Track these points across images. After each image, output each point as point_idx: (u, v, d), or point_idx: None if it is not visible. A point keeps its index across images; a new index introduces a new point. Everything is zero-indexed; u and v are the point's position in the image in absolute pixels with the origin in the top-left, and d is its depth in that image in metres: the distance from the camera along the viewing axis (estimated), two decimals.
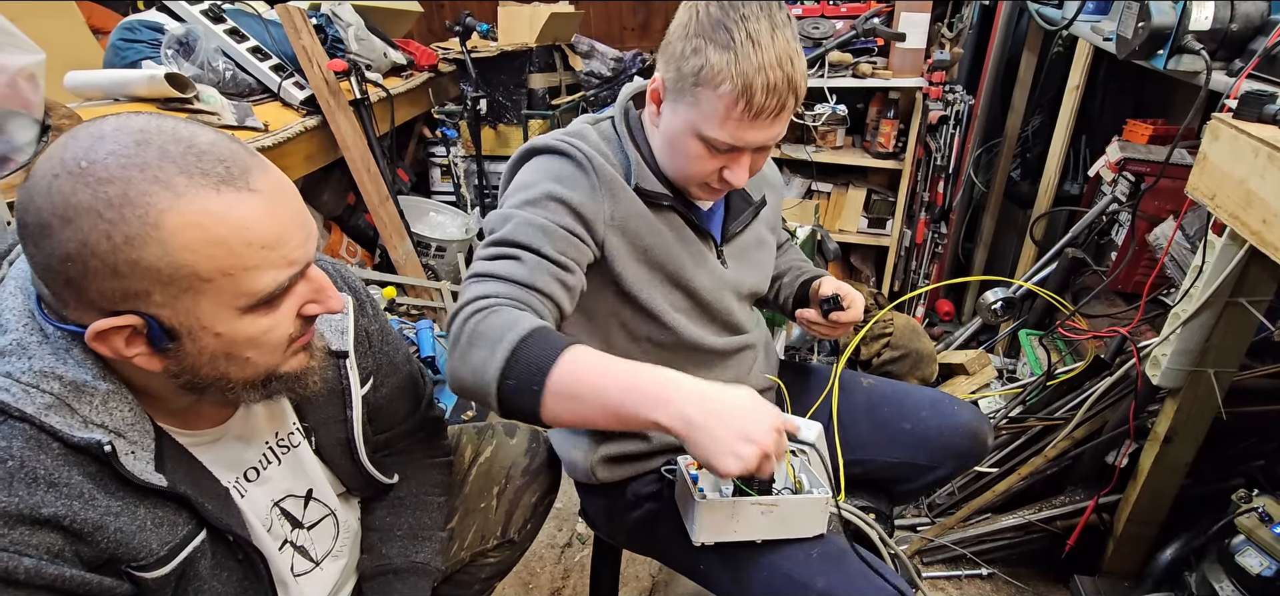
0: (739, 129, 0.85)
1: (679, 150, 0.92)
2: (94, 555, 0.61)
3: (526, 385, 0.73)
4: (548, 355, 0.73)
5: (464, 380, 0.78)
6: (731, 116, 0.84)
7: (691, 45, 0.84)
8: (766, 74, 0.81)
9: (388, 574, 0.92)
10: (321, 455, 0.87)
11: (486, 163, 3.01)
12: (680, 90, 0.87)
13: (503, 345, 0.74)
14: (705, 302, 1.02)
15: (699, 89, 0.84)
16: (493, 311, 0.78)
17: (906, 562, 1.10)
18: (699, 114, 0.86)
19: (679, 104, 0.88)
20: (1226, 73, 1.18)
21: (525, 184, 0.91)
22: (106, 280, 0.55)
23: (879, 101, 2.52)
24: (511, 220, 0.87)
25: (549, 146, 0.94)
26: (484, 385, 0.75)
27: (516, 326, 0.75)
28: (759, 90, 0.82)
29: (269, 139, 1.97)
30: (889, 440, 1.15)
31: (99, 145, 0.54)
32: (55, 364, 0.59)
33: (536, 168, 0.93)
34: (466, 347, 0.77)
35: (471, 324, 0.78)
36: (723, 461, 0.68)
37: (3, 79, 1.32)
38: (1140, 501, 1.39)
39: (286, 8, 2.17)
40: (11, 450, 0.57)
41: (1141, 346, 1.34)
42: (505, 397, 0.74)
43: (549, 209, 0.88)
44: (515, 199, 0.90)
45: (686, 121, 0.88)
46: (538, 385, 0.72)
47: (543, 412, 0.74)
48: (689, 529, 0.91)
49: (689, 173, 0.93)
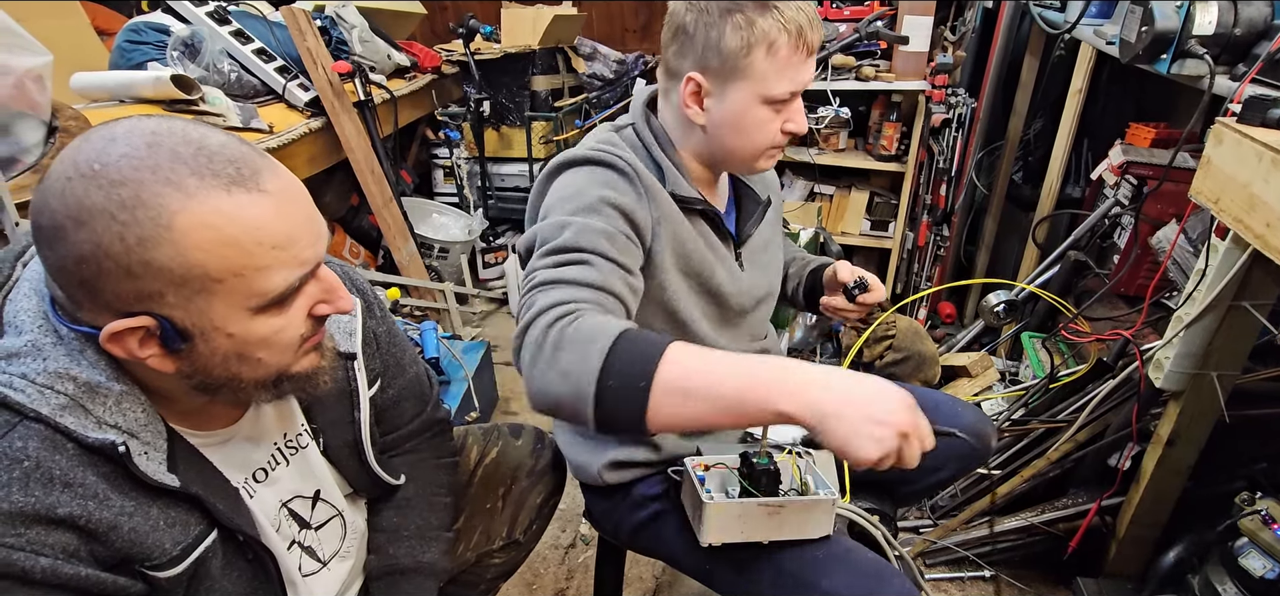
0: (797, 73, 0.90)
1: (746, 127, 0.93)
2: (108, 555, 0.62)
3: (631, 384, 0.66)
4: (651, 352, 0.67)
5: (552, 389, 0.69)
6: (791, 63, 0.88)
7: (729, 24, 0.86)
8: (804, 11, 0.88)
9: (395, 574, 0.92)
10: (329, 456, 0.87)
11: (490, 164, 3.02)
12: (728, 72, 0.89)
13: (597, 346, 0.68)
14: (731, 309, 1.04)
15: (751, 57, 0.87)
16: (578, 315, 0.72)
17: (910, 564, 1.10)
18: (758, 80, 0.89)
19: (730, 84, 0.90)
20: (1230, 77, 1.18)
21: (574, 192, 0.89)
22: (120, 281, 0.56)
23: (882, 104, 2.53)
24: (570, 227, 0.83)
25: (589, 158, 0.92)
26: (579, 390, 0.67)
27: (608, 327, 0.69)
28: (807, 26, 0.88)
29: (274, 140, 1.98)
30: None
31: (111, 148, 0.55)
32: (69, 365, 0.59)
33: (580, 177, 0.91)
34: (553, 354, 0.70)
35: (557, 330, 0.71)
36: (861, 447, 0.64)
37: (10, 81, 1.32)
38: (1143, 504, 1.39)
39: (291, 10, 2.18)
40: (27, 450, 0.57)
41: (1144, 349, 1.34)
42: (605, 402, 0.67)
43: (606, 214, 0.86)
44: (567, 207, 0.87)
45: (748, 95, 0.90)
46: (645, 382, 0.66)
47: (649, 414, 0.67)
48: (696, 530, 0.91)
49: (759, 144, 0.95)
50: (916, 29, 2.33)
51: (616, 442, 1.04)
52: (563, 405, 0.70)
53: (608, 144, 0.96)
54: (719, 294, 1.02)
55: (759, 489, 0.90)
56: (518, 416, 2.30)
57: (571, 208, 0.87)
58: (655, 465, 1.05)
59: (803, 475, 0.94)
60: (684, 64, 0.92)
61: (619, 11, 3.70)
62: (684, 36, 0.91)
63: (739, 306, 1.05)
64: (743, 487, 0.91)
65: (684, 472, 0.95)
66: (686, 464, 0.95)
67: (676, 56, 0.93)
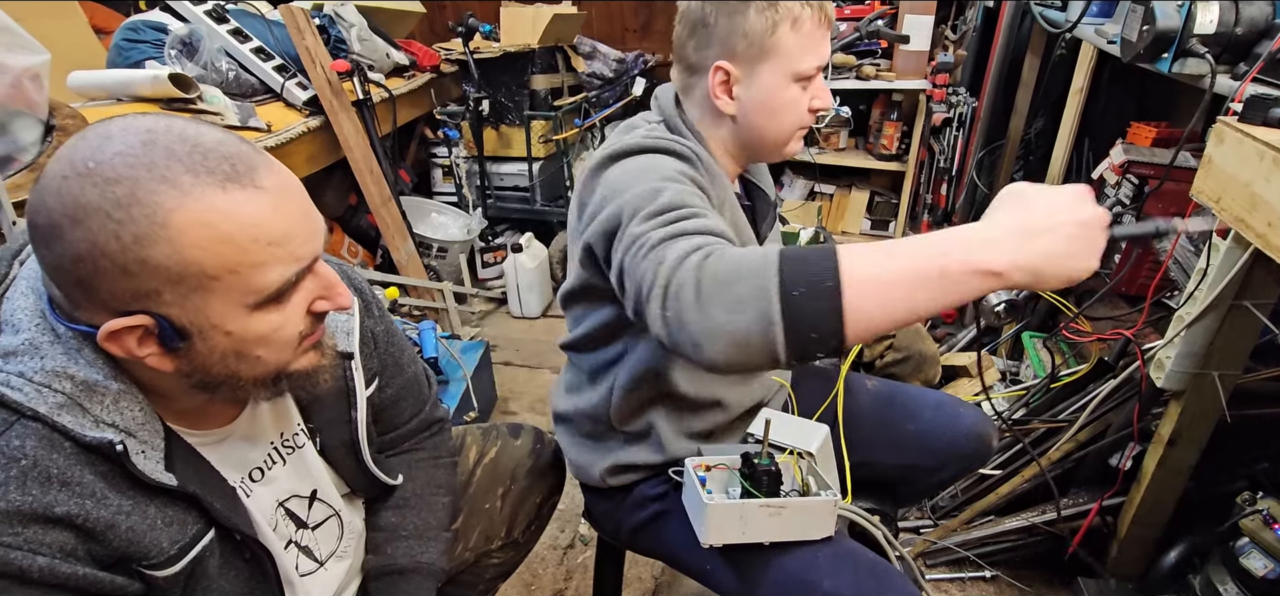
0: (820, 45, 0.92)
1: (778, 108, 0.94)
2: (106, 554, 0.62)
3: (818, 286, 0.59)
4: (823, 254, 0.60)
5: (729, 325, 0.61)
6: (815, 35, 0.90)
7: (752, 7, 0.88)
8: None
9: (393, 574, 0.92)
10: (326, 456, 0.87)
11: (489, 163, 3.02)
12: (757, 55, 0.90)
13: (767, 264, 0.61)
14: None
15: (777, 34, 0.88)
16: (720, 251, 0.65)
17: (911, 564, 1.10)
18: (787, 57, 0.90)
19: (759, 67, 0.91)
20: (1231, 76, 1.18)
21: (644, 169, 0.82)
22: (116, 280, 0.55)
23: (882, 103, 2.53)
24: (664, 190, 0.76)
25: (647, 145, 0.87)
26: (763, 312, 0.60)
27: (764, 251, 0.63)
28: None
29: (272, 139, 1.98)
30: (894, 442, 1.15)
31: (106, 146, 0.55)
32: (67, 364, 0.59)
33: (642, 161, 0.85)
34: (718, 289, 0.62)
35: (709, 265, 0.63)
36: (1084, 264, 0.60)
37: (7, 79, 1.32)
38: (1144, 503, 1.39)
39: (290, 8, 2.18)
40: (25, 449, 0.57)
41: (1145, 349, 1.34)
42: (794, 315, 0.59)
43: (684, 182, 0.81)
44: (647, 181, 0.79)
45: (778, 75, 0.91)
46: (832, 281, 0.59)
47: (847, 316, 0.59)
48: (697, 531, 0.91)
49: (790, 125, 0.96)
50: (917, 28, 2.33)
51: (621, 446, 1.04)
52: (746, 337, 0.61)
53: (658, 134, 0.91)
54: None
55: (760, 490, 0.90)
56: (516, 416, 2.30)
57: (655, 175, 0.80)
58: (657, 468, 1.04)
59: (804, 476, 0.94)
60: (707, 56, 0.92)
61: (619, 10, 3.70)
62: (703, 29, 0.91)
63: None
64: (744, 488, 0.91)
65: (685, 473, 0.95)
66: (687, 464, 0.94)
67: (697, 50, 0.93)
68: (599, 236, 0.79)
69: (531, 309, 2.87)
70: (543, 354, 2.61)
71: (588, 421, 1.05)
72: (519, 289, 2.82)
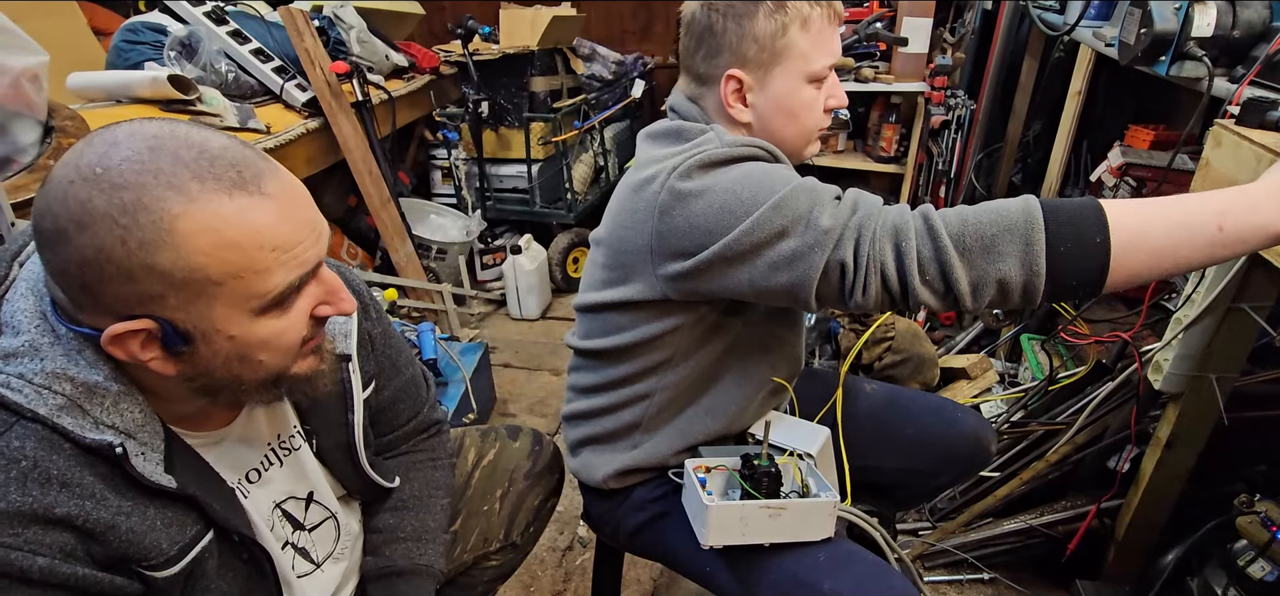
0: (832, 42, 0.91)
1: (796, 110, 0.92)
2: (106, 554, 0.62)
3: (1087, 240, 0.62)
4: (1087, 205, 0.64)
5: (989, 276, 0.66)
6: (825, 33, 0.89)
7: (760, 11, 0.86)
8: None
9: (391, 576, 0.92)
10: (322, 458, 0.87)
11: (488, 165, 3.02)
12: (770, 58, 0.89)
13: (1029, 220, 0.64)
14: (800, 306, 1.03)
15: (787, 35, 0.87)
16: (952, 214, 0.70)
17: (909, 566, 1.10)
18: (801, 58, 0.89)
19: (772, 72, 0.90)
20: (1228, 79, 1.18)
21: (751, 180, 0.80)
22: (121, 284, 0.55)
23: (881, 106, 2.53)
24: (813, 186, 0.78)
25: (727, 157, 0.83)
26: (1027, 263, 0.64)
27: (1011, 202, 0.66)
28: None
29: (271, 141, 1.98)
30: (893, 446, 1.15)
31: (113, 151, 0.55)
32: (67, 365, 0.59)
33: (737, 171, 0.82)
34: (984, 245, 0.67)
35: (953, 225, 0.68)
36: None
37: (6, 80, 1.32)
38: (1142, 506, 1.39)
39: (289, 10, 2.18)
40: (25, 450, 0.57)
41: (1143, 351, 1.34)
42: (1060, 265, 0.63)
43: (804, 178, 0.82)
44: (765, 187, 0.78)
45: (792, 77, 0.90)
46: (1102, 236, 0.62)
47: (1113, 268, 0.62)
48: (697, 532, 0.91)
49: (811, 126, 0.95)
50: (916, 31, 2.33)
51: (626, 450, 1.04)
52: (1010, 286, 0.67)
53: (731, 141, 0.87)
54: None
55: (760, 491, 0.90)
56: (515, 418, 2.30)
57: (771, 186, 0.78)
58: (659, 470, 1.04)
59: (804, 477, 0.94)
60: (718, 64, 0.90)
61: (618, 12, 3.71)
62: (711, 37, 0.89)
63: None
64: (744, 490, 0.91)
65: (685, 475, 0.95)
66: (687, 466, 0.94)
67: (706, 59, 0.91)
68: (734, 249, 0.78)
69: (530, 311, 2.87)
70: (542, 356, 2.61)
71: (605, 426, 1.04)
72: (518, 291, 2.82)
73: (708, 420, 1.00)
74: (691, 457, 0.97)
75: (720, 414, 1.00)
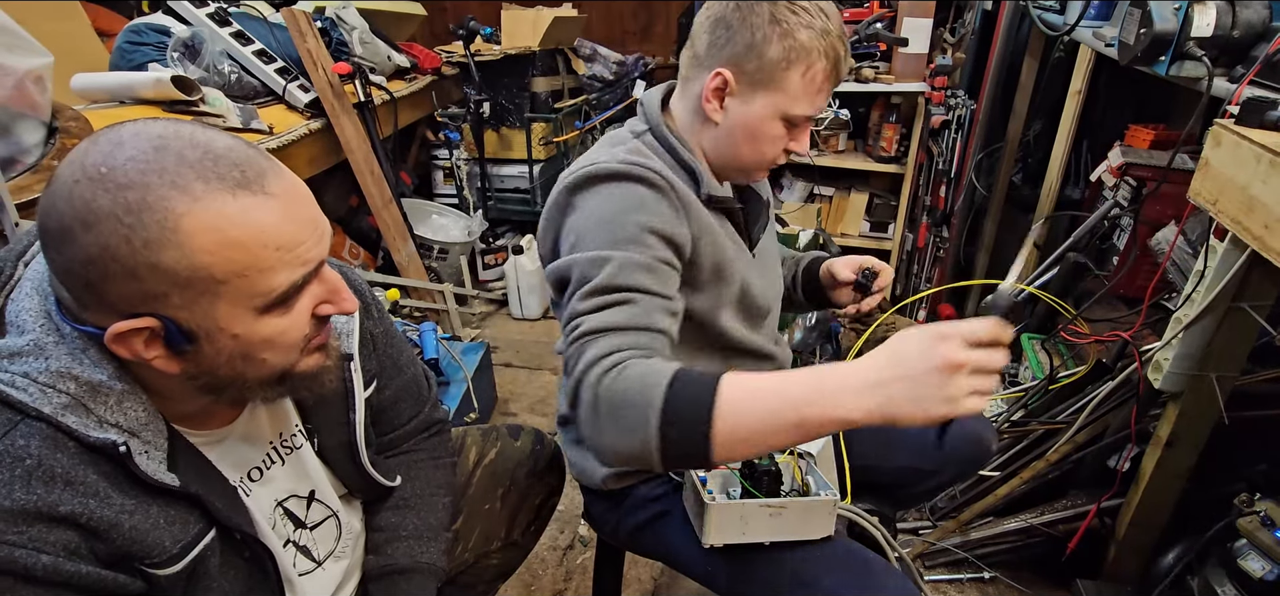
0: (822, 98, 0.91)
1: (757, 137, 0.92)
2: (109, 552, 0.62)
3: (691, 432, 0.68)
4: (704, 394, 0.68)
5: (613, 446, 0.72)
6: (822, 89, 0.89)
7: (774, 31, 0.86)
8: (843, 41, 0.89)
9: (393, 574, 0.92)
10: (324, 457, 0.87)
11: (489, 166, 3.02)
12: (761, 79, 0.88)
13: (652, 398, 0.69)
14: (759, 309, 1.04)
15: (788, 72, 0.87)
16: (624, 367, 0.73)
17: (909, 565, 1.10)
18: (787, 95, 0.88)
19: (758, 92, 0.89)
20: (1228, 79, 1.19)
21: (608, 217, 0.85)
22: (125, 283, 0.56)
23: (881, 106, 2.53)
24: (610, 262, 0.81)
25: (618, 171, 0.87)
26: (643, 443, 0.69)
27: (657, 375, 0.70)
28: (843, 56, 0.89)
29: (274, 141, 1.98)
30: (893, 445, 1.15)
31: (118, 151, 0.55)
32: (71, 364, 0.59)
33: (613, 197, 0.86)
34: (610, 413, 0.71)
35: (606, 384, 0.72)
36: (937, 410, 0.63)
37: (10, 81, 1.33)
38: (1142, 505, 1.39)
39: (292, 11, 2.18)
40: (29, 449, 0.57)
41: (1143, 351, 1.34)
42: (670, 451, 0.69)
43: (647, 243, 0.84)
44: (603, 236, 0.84)
45: (771, 106, 0.89)
46: (704, 427, 0.67)
47: (713, 455, 0.68)
48: (698, 532, 0.91)
49: (765, 157, 0.94)
50: (916, 31, 2.33)
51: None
52: (629, 456, 0.72)
53: (635, 154, 0.91)
54: (748, 295, 1.01)
55: (760, 490, 0.90)
56: (517, 417, 2.30)
57: (608, 238, 0.83)
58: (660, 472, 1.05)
59: (804, 476, 0.94)
60: (717, 57, 0.90)
61: (619, 13, 3.71)
62: (724, 30, 0.89)
63: (765, 306, 1.05)
64: (744, 489, 0.91)
65: (685, 474, 0.95)
66: None
67: (710, 49, 0.90)
68: (554, 280, 0.87)
69: (532, 310, 2.88)
70: (543, 355, 2.62)
71: None
72: (519, 290, 2.83)
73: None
74: None
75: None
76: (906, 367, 0.64)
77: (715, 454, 0.68)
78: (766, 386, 0.68)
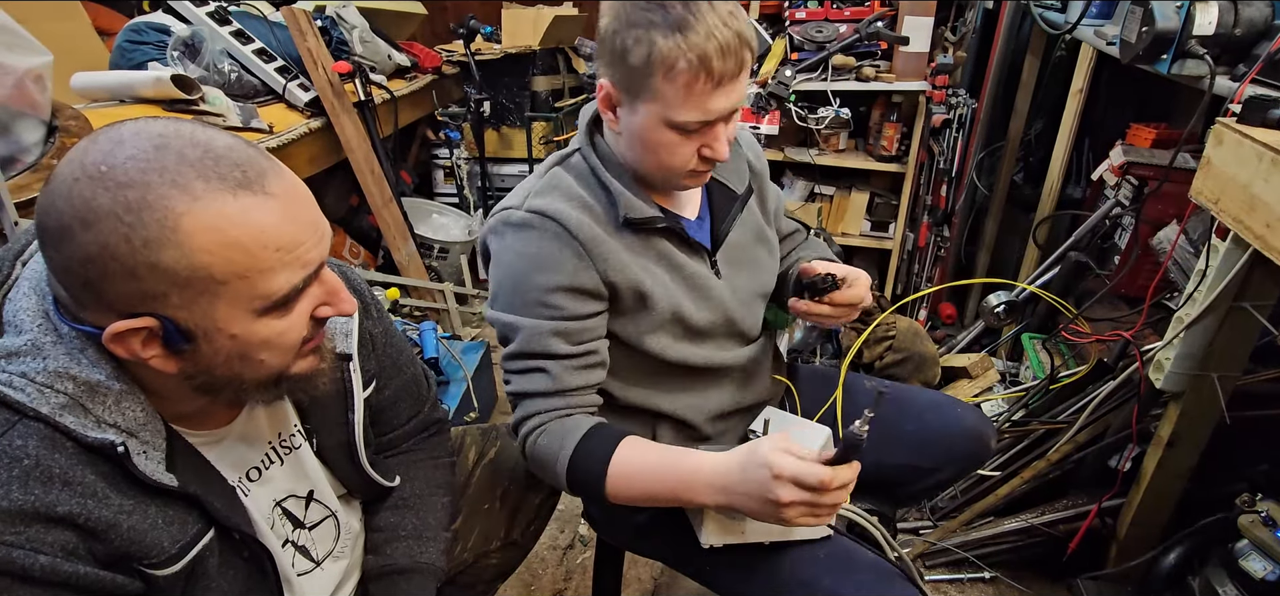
0: (706, 102, 0.81)
1: (653, 146, 0.86)
2: (107, 553, 0.62)
3: (590, 489, 0.88)
4: (596, 468, 0.87)
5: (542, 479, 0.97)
6: (694, 93, 0.80)
7: (632, 37, 0.79)
8: (717, 38, 0.77)
9: (392, 574, 0.92)
10: (322, 457, 0.87)
11: (490, 165, 3.02)
12: (634, 87, 0.82)
13: (559, 469, 0.88)
14: (705, 330, 0.99)
15: (653, 78, 0.80)
16: (541, 432, 0.90)
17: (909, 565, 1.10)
18: (663, 103, 0.81)
19: (638, 101, 0.83)
20: (1230, 77, 1.18)
21: (515, 280, 0.88)
22: (124, 282, 0.56)
23: (882, 105, 2.52)
24: (520, 331, 0.89)
25: (522, 221, 0.88)
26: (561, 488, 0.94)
27: (562, 451, 0.88)
28: (715, 56, 0.77)
29: (274, 140, 1.98)
30: (892, 442, 1.15)
31: (118, 150, 0.55)
32: (69, 364, 0.59)
33: (518, 254, 0.88)
34: (536, 466, 0.93)
35: (530, 445, 0.91)
36: (764, 517, 0.79)
37: (10, 80, 1.33)
38: (1143, 505, 1.39)
39: (292, 10, 2.18)
40: (27, 449, 0.57)
41: (1145, 350, 1.34)
42: (578, 494, 0.93)
43: (552, 305, 0.87)
44: (512, 300, 0.89)
45: (653, 115, 0.83)
46: (598, 489, 0.87)
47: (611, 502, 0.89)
48: (697, 533, 0.91)
49: (672, 165, 0.87)
50: (917, 29, 2.32)
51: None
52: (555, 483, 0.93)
53: (545, 191, 0.90)
54: (691, 324, 0.96)
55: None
56: None
57: (517, 302, 0.89)
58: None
59: None
60: (600, 67, 0.86)
61: None
62: (600, 38, 0.83)
63: (716, 325, 0.99)
64: None
65: None
66: None
67: (597, 58, 0.86)
68: (491, 323, 0.94)
69: None
70: None
71: None
72: None
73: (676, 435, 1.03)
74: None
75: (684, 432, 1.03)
76: (748, 489, 0.78)
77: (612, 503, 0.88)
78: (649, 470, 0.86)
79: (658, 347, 0.96)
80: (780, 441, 0.77)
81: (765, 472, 0.75)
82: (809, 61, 2.34)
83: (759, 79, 2.32)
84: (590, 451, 0.87)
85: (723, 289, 1.00)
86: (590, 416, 0.93)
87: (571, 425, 0.89)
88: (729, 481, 0.80)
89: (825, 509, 0.76)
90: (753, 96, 2.33)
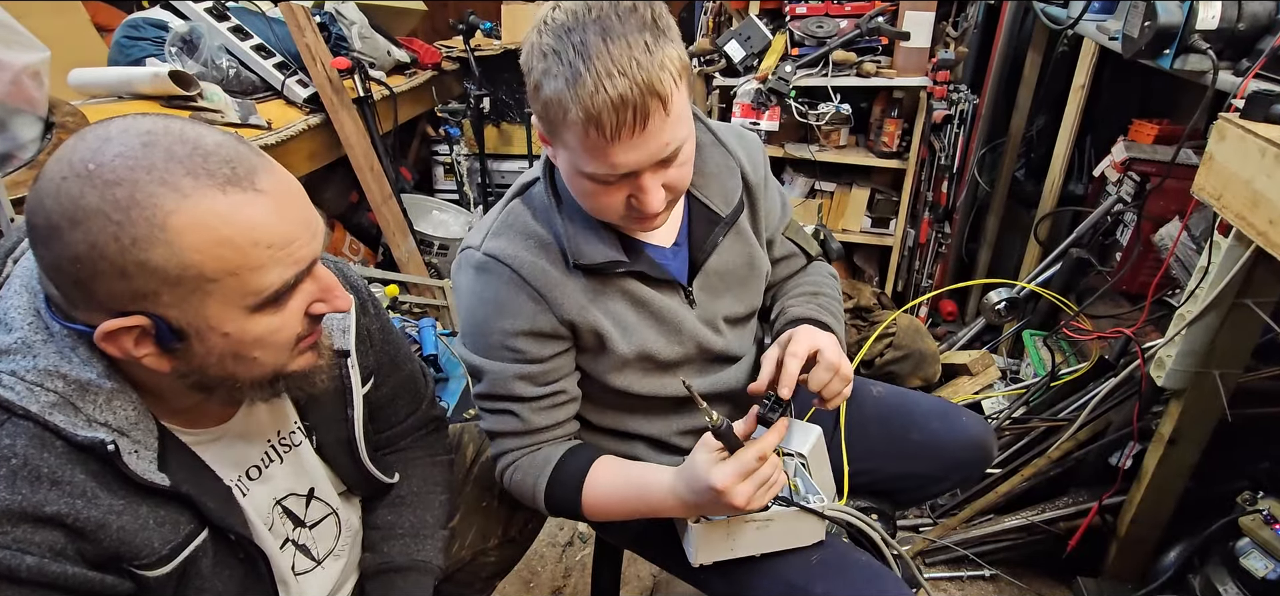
0: (609, 154, 0.72)
1: (581, 194, 0.81)
2: (96, 553, 0.62)
3: (572, 516, 0.95)
4: (571, 497, 0.91)
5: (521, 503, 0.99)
6: (589, 145, 0.72)
7: (534, 80, 0.72)
8: (604, 91, 0.67)
9: (390, 572, 0.92)
10: (322, 454, 0.87)
11: (490, 161, 3.01)
12: (548, 128, 0.76)
13: (537, 502, 0.93)
14: (677, 362, 0.95)
15: (559, 125, 0.72)
16: (515, 468, 0.94)
17: (909, 563, 1.09)
18: (570, 152, 0.75)
19: (557, 146, 0.77)
20: (1233, 72, 1.18)
21: (476, 323, 0.88)
22: (114, 281, 0.55)
23: (883, 101, 2.51)
24: (486, 374, 0.90)
25: (478, 263, 0.86)
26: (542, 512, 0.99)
27: (536, 485, 0.92)
28: (604, 109, 0.68)
29: (272, 137, 1.98)
30: (898, 450, 1.13)
31: (106, 147, 0.54)
32: (60, 362, 0.59)
33: (478, 298, 0.87)
34: (516, 495, 0.96)
35: (505, 479, 0.96)
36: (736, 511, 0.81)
37: (7, 76, 1.32)
38: (1144, 503, 1.39)
39: (290, 5, 2.17)
40: (15, 448, 0.57)
41: (1146, 347, 1.33)
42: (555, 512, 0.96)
43: (515, 349, 0.87)
44: (476, 342, 0.90)
45: (568, 162, 0.77)
46: (578, 515, 0.93)
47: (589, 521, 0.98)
48: (687, 552, 0.90)
49: (603, 209, 0.80)
50: (918, 25, 2.31)
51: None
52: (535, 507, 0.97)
53: (501, 231, 0.87)
54: (654, 359, 0.92)
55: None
56: None
57: (481, 345, 0.90)
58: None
59: (791, 478, 0.93)
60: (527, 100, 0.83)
61: None
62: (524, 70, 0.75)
63: (682, 357, 0.94)
64: None
65: None
66: None
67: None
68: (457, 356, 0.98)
69: None
70: None
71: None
72: None
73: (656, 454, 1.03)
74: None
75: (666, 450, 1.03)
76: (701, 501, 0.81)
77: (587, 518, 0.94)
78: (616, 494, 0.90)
79: (623, 384, 0.93)
80: (708, 443, 0.80)
81: (710, 493, 0.78)
82: (809, 57, 2.33)
83: (759, 74, 2.31)
84: (563, 481, 0.90)
85: (694, 320, 0.94)
86: (563, 444, 0.95)
87: (541, 460, 0.92)
88: (685, 498, 0.83)
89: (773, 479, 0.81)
90: (753, 92, 2.32)
